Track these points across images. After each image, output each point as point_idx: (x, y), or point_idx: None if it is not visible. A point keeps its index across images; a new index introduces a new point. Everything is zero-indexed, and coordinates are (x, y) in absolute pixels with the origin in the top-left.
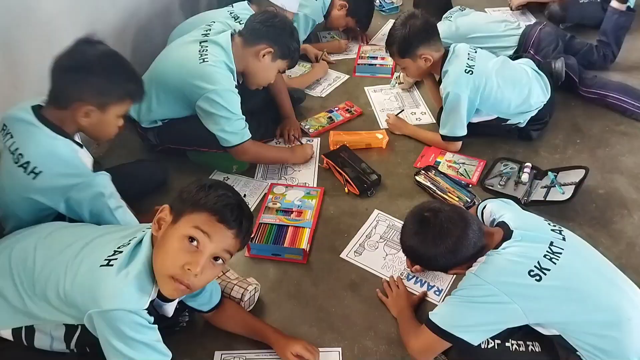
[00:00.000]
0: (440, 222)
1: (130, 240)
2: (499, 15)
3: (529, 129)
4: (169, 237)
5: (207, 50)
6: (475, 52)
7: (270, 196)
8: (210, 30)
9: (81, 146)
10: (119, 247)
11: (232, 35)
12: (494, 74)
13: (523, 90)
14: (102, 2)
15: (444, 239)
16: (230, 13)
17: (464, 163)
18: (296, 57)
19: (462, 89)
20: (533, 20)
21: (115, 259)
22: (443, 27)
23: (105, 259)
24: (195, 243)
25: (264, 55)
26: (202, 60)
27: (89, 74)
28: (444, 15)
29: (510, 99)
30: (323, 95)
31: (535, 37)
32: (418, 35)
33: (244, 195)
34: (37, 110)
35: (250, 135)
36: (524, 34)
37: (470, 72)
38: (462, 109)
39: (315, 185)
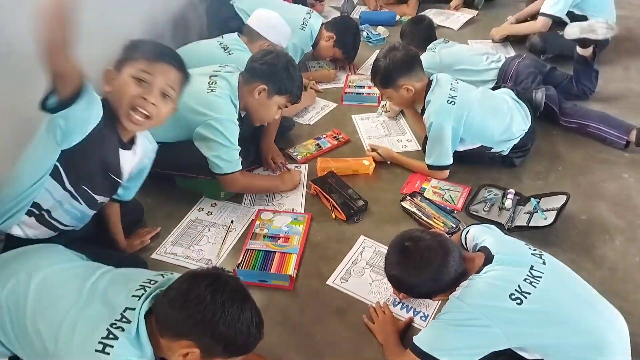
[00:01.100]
0: (421, 251)
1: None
2: (480, 47)
3: (512, 157)
4: None
5: (216, 83)
6: (457, 82)
7: (257, 222)
8: (221, 69)
9: None
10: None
11: (239, 75)
12: (476, 104)
13: (505, 119)
14: (96, 34)
15: (425, 268)
16: (220, 43)
17: (449, 189)
18: (296, 92)
19: (445, 118)
20: (513, 52)
21: (112, 346)
22: (427, 57)
23: (100, 342)
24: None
25: (259, 93)
26: (210, 90)
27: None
28: (428, 47)
29: (493, 127)
30: (311, 123)
31: (513, 69)
32: (399, 67)
33: (231, 222)
34: None
35: (242, 167)
36: (504, 66)
37: (453, 103)
38: (447, 138)
39: (302, 211)
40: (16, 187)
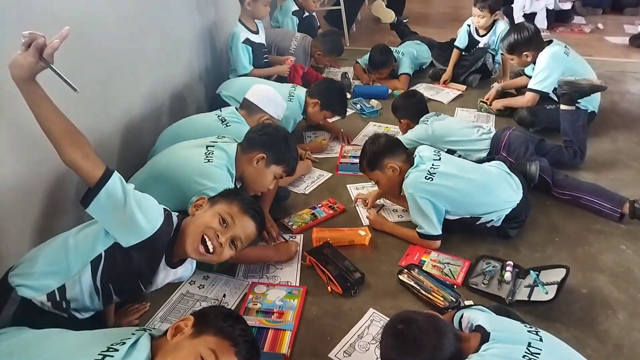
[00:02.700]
0: (414, 334)
1: (119, 345)
2: (469, 117)
3: (506, 228)
4: (183, 348)
5: (213, 153)
6: (440, 158)
7: (250, 296)
8: (219, 140)
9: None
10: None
11: (238, 145)
12: (459, 177)
13: (491, 191)
14: (96, 107)
15: (420, 351)
16: (218, 116)
17: (448, 263)
18: (292, 163)
19: (419, 192)
20: (492, 123)
21: None
22: (420, 130)
23: None
24: None
25: (257, 162)
26: (207, 160)
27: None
28: (421, 119)
29: (476, 200)
30: (307, 192)
31: (505, 140)
32: (383, 149)
33: (224, 295)
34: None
35: None
36: (495, 137)
37: (430, 179)
38: (427, 211)
39: (297, 284)
40: (65, 256)
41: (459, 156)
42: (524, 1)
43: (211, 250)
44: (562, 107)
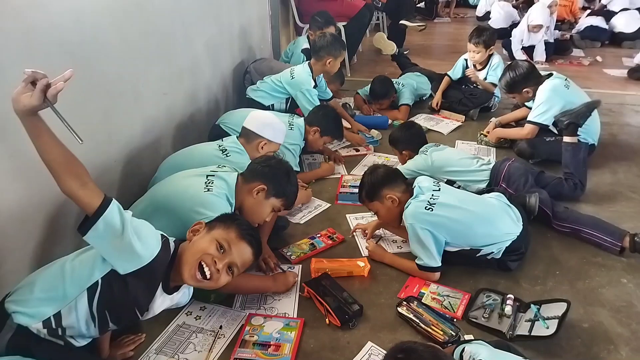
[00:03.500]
0: None
1: None
2: (468, 148)
3: (507, 260)
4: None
5: (213, 182)
6: (439, 189)
7: (247, 328)
8: (219, 169)
9: None
10: None
11: (238, 175)
12: (459, 208)
13: (491, 222)
14: (100, 135)
15: None
16: (219, 146)
17: (448, 295)
18: (291, 198)
19: (419, 222)
20: (490, 157)
21: None
22: (419, 160)
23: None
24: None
25: (257, 192)
26: (207, 189)
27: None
28: (420, 150)
29: (478, 231)
30: (301, 222)
31: (505, 171)
32: (381, 180)
33: (220, 327)
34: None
35: None
36: (495, 168)
37: (430, 209)
38: (427, 242)
39: (295, 316)
40: (62, 282)
41: (459, 187)
42: (521, 34)
43: (208, 276)
44: (565, 139)
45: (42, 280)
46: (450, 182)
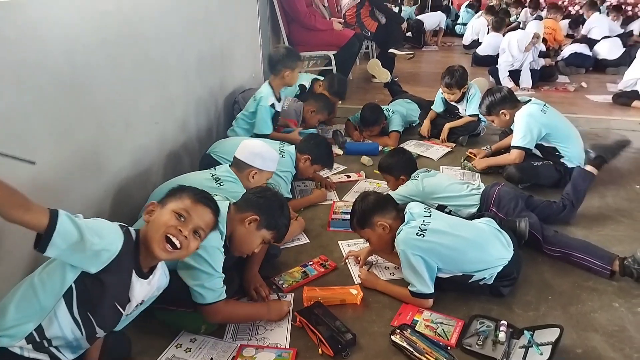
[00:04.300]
0: None
1: None
2: (453, 174)
3: (499, 286)
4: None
5: None
6: (430, 215)
7: (239, 359)
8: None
9: None
10: None
11: (230, 204)
12: (449, 234)
13: (482, 248)
14: (90, 164)
15: None
16: (212, 175)
17: (441, 322)
18: (283, 231)
19: (411, 248)
20: (478, 182)
21: None
22: (411, 185)
23: None
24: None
25: (249, 223)
26: None
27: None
28: (412, 175)
29: (468, 257)
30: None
31: (495, 195)
32: (372, 207)
33: (211, 359)
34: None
35: (226, 296)
36: (485, 193)
37: (422, 235)
38: (419, 268)
39: (287, 346)
40: (35, 296)
41: (449, 212)
42: (507, 62)
43: (178, 246)
44: (587, 167)
45: (14, 302)
46: (441, 207)
